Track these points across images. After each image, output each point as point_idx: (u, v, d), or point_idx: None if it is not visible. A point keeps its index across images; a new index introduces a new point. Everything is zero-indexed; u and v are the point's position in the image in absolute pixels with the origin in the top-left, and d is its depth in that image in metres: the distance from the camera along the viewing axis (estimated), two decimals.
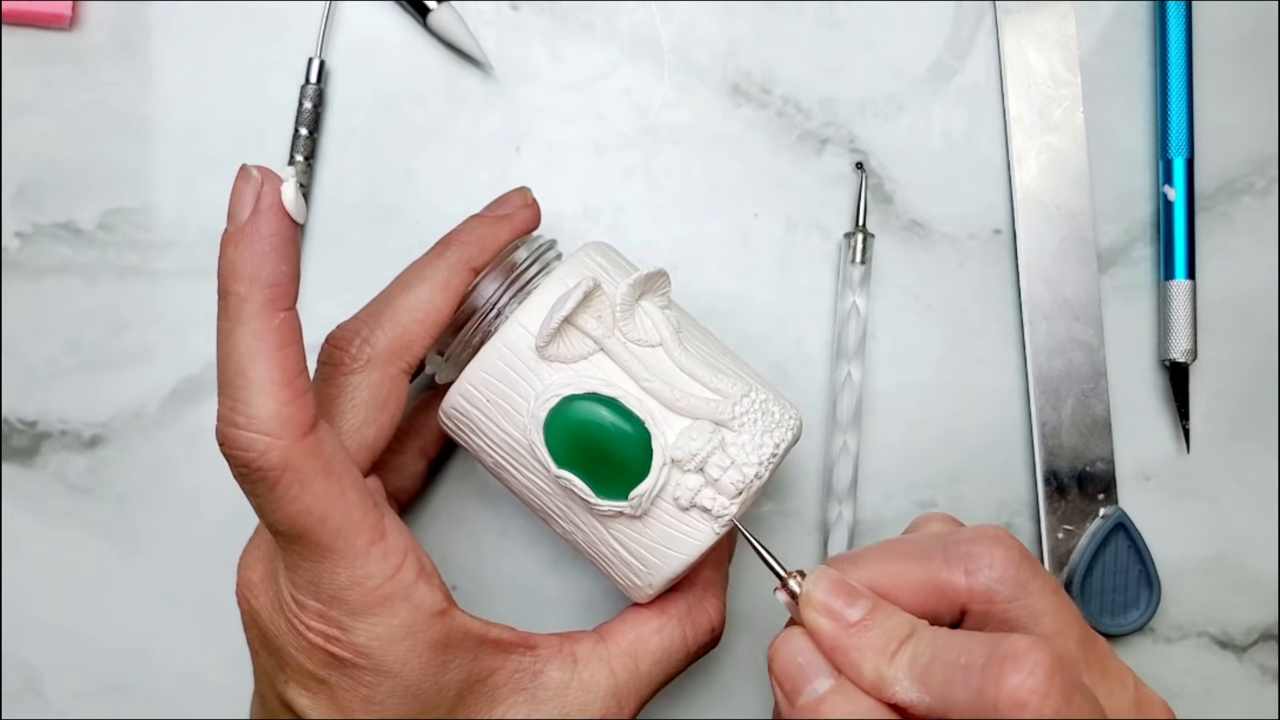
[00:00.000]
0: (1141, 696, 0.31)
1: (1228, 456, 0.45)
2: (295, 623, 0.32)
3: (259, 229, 0.30)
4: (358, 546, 0.31)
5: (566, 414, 0.33)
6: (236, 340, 0.30)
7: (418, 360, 0.36)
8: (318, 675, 0.32)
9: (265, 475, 0.30)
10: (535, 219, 0.39)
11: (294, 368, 0.30)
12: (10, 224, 0.42)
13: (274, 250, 0.30)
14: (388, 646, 0.32)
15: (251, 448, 0.30)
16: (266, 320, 0.30)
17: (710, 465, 0.33)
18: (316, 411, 0.31)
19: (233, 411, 0.30)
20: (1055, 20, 0.44)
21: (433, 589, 0.33)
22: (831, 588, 0.32)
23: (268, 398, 0.30)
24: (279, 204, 0.30)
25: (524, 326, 0.34)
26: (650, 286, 0.35)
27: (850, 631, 0.31)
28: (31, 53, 0.42)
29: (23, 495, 0.42)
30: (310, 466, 0.30)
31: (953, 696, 0.29)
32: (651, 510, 0.34)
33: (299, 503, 0.30)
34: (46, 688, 0.42)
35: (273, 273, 0.30)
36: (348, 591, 0.31)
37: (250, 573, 0.34)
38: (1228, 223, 0.45)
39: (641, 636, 0.36)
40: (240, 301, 0.30)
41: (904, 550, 0.33)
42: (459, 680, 0.33)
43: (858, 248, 0.43)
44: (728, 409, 0.34)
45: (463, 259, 0.36)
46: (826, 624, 0.31)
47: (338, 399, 0.34)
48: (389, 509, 0.34)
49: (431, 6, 0.42)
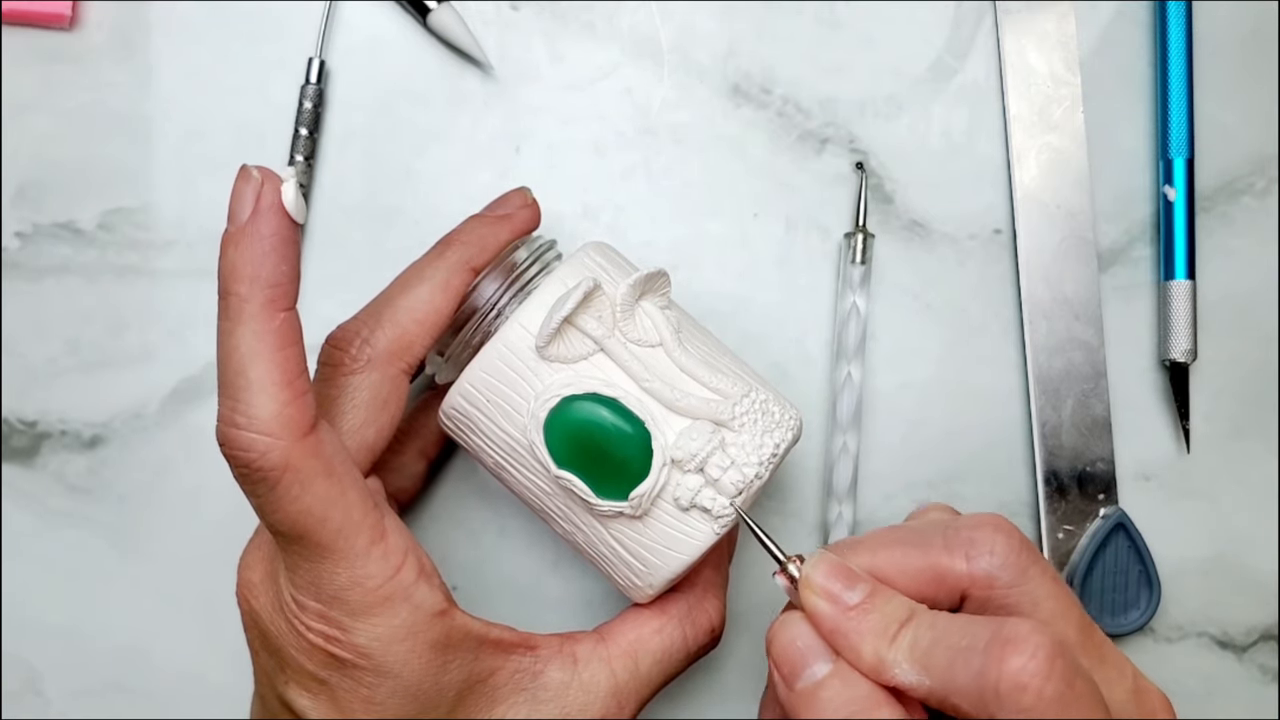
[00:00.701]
0: (1139, 686, 0.31)
1: (1228, 456, 0.45)
2: (295, 623, 0.32)
3: (259, 229, 0.30)
4: (358, 547, 0.31)
5: (566, 414, 0.33)
6: (237, 340, 0.30)
7: (418, 361, 0.36)
8: (318, 676, 0.32)
9: (266, 476, 0.30)
10: (535, 219, 0.39)
11: (294, 368, 0.30)
12: (10, 224, 0.42)
13: (274, 250, 0.30)
14: (388, 647, 0.32)
15: (252, 448, 0.30)
16: (267, 321, 0.30)
17: (710, 465, 0.33)
18: (317, 412, 0.31)
19: (233, 412, 0.30)
20: (1055, 20, 0.44)
21: (433, 589, 0.33)
22: (831, 571, 0.31)
23: (268, 398, 0.30)
24: (279, 204, 0.30)
25: (524, 327, 0.34)
26: (650, 287, 0.35)
27: (849, 615, 0.31)
28: (31, 53, 0.42)
29: (23, 495, 0.42)
30: (311, 467, 0.30)
31: (953, 679, 0.29)
32: (651, 510, 0.34)
33: (299, 503, 0.30)
34: (46, 688, 0.42)
35: (273, 273, 0.30)
36: (348, 592, 0.31)
37: (250, 573, 0.34)
38: (1228, 223, 0.45)
39: (642, 637, 0.36)
40: (240, 302, 0.30)
41: (904, 536, 0.33)
42: (459, 680, 0.33)
43: (858, 248, 0.43)
44: (728, 409, 0.34)
45: (463, 259, 0.36)
46: (825, 607, 0.31)
47: (338, 399, 0.34)
48: (389, 510, 0.34)
49: (431, 6, 0.42)
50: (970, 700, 0.28)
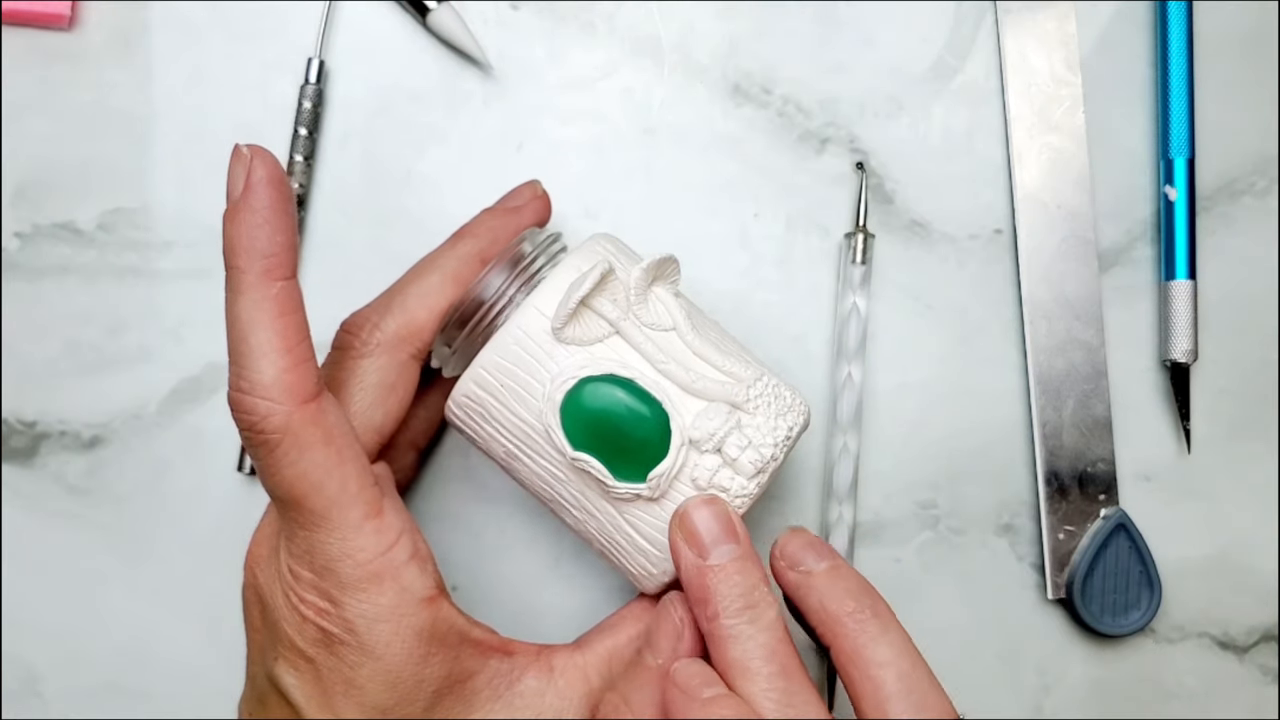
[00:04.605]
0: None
1: (1228, 457, 0.45)
2: (290, 595, 0.33)
3: (251, 203, 0.31)
4: (351, 519, 0.32)
5: (583, 396, 0.34)
6: (239, 310, 0.31)
7: (426, 347, 0.37)
8: (306, 653, 0.33)
9: (267, 438, 0.31)
10: (546, 211, 0.40)
11: (295, 335, 0.31)
12: (10, 224, 0.42)
13: (267, 222, 0.31)
14: (372, 625, 0.32)
15: (254, 411, 0.31)
16: (264, 289, 0.31)
17: (728, 445, 0.34)
18: (320, 381, 0.32)
19: (238, 377, 0.31)
20: (1056, 20, 0.44)
21: (424, 574, 0.33)
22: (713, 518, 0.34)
23: (268, 364, 0.31)
24: (269, 178, 0.31)
25: (539, 310, 0.34)
26: (662, 272, 0.35)
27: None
28: (31, 53, 0.42)
29: (22, 496, 0.42)
30: (310, 434, 0.31)
31: None
32: (669, 493, 0.34)
33: (296, 467, 0.31)
34: (46, 688, 0.42)
35: (268, 244, 0.31)
36: (339, 563, 0.32)
37: (259, 548, 0.35)
38: (1228, 223, 0.45)
39: (617, 644, 0.36)
40: (239, 274, 0.31)
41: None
42: (438, 677, 0.33)
43: (858, 248, 0.43)
44: (742, 391, 0.34)
45: (473, 250, 0.37)
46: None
47: (347, 382, 0.36)
48: (392, 492, 0.35)
49: (431, 6, 0.42)
50: None
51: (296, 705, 0.33)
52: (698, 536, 0.33)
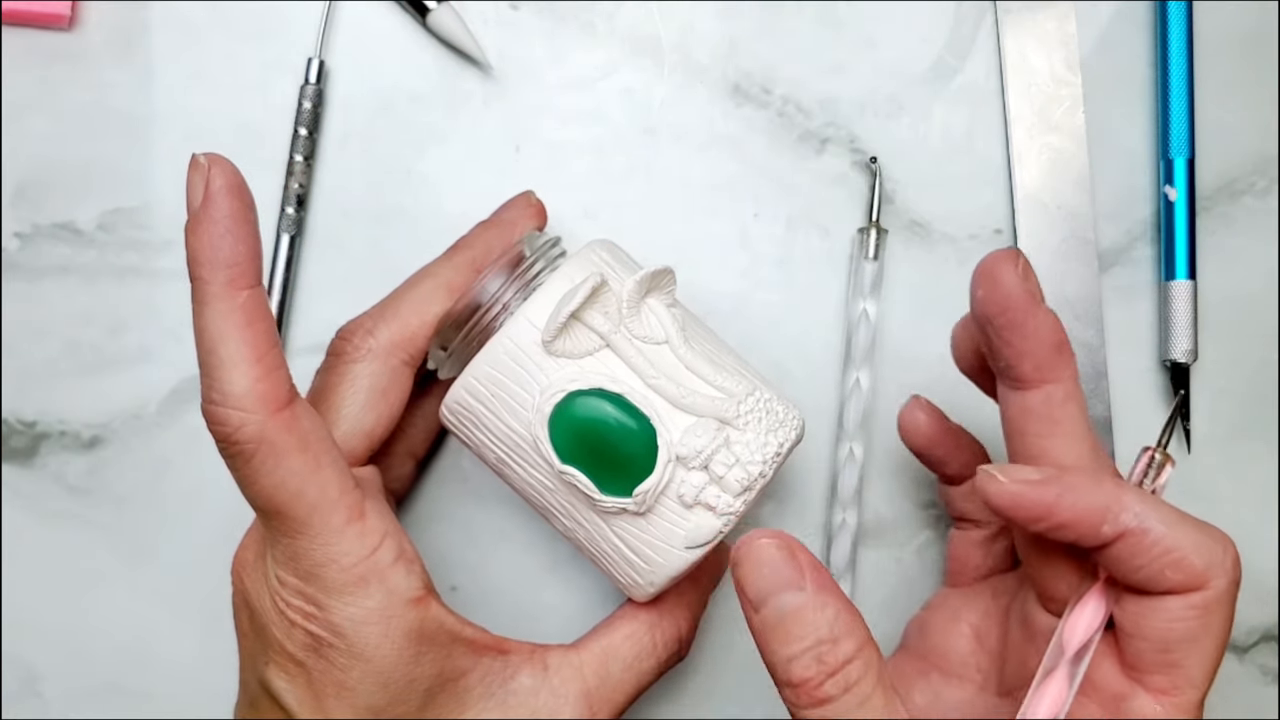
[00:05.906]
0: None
1: (1228, 456, 0.45)
2: (278, 600, 0.33)
3: (211, 213, 0.31)
4: (333, 524, 0.32)
5: (572, 409, 0.33)
6: (205, 321, 0.31)
7: (420, 354, 0.37)
8: (296, 657, 0.33)
9: (242, 449, 0.31)
10: (541, 221, 0.40)
11: (263, 344, 0.31)
12: (10, 224, 0.42)
13: (229, 232, 0.31)
14: (360, 628, 0.32)
15: (227, 422, 0.31)
16: (230, 299, 0.31)
17: (715, 463, 0.33)
18: (292, 387, 0.32)
19: (210, 389, 0.31)
20: (1055, 20, 0.44)
21: (411, 576, 0.33)
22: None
23: (239, 374, 0.31)
24: (228, 186, 0.31)
25: (530, 321, 0.34)
26: (656, 284, 0.35)
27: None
28: (31, 53, 0.42)
29: (22, 496, 0.42)
30: (285, 441, 0.31)
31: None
32: (655, 508, 0.34)
33: (273, 476, 0.31)
34: (46, 688, 0.42)
35: (230, 253, 0.31)
36: (323, 569, 0.32)
37: (246, 553, 0.35)
38: (1228, 223, 0.45)
39: (613, 643, 0.36)
40: (204, 285, 0.31)
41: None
42: (431, 675, 0.33)
43: (870, 243, 0.43)
44: (732, 407, 0.34)
45: (468, 261, 0.38)
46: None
47: (339, 386, 0.36)
48: (375, 494, 0.34)
49: (431, 6, 0.42)
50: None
51: (289, 709, 0.33)
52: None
